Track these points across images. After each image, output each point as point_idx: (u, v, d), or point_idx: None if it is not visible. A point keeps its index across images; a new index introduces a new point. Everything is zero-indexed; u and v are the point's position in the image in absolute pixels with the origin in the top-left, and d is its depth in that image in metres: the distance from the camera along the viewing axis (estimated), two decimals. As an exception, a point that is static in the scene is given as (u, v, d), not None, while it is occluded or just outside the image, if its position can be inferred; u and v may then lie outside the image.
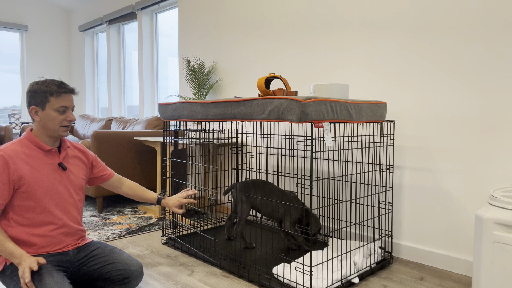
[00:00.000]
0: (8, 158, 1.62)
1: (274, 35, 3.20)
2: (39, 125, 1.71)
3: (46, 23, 6.41)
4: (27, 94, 1.71)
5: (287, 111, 1.80)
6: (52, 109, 1.68)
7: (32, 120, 1.76)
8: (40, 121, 1.69)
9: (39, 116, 1.69)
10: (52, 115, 1.69)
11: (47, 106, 1.68)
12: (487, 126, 2.11)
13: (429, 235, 2.35)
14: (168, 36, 4.96)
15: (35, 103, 1.68)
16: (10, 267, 1.64)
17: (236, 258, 2.34)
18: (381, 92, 2.55)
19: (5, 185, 1.60)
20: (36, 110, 1.69)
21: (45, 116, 1.69)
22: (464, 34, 2.17)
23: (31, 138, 1.72)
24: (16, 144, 1.68)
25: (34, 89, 1.68)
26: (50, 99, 1.68)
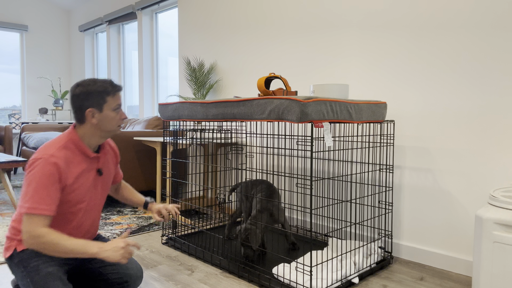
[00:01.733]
0: (62, 166, 1.53)
1: (274, 35, 3.20)
2: (94, 127, 1.61)
3: (46, 23, 6.41)
4: (77, 96, 1.58)
5: (287, 111, 1.80)
6: (110, 109, 1.61)
7: (79, 123, 1.62)
8: (97, 123, 1.60)
9: (96, 118, 1.59)
10: (111, 116, 1.62)
11: (104, 107, 1.60)
12: (487, 126, 2.11)
13: (429, 235, 2.35)
14: (168, 36, 4.96)
15: (91, 105, 1.58)
16: (19, 255, 1.59)
17: (236, 258, 2.34)
18: (381, 92, 2.55)
19: (58, 192, 1.52)
20: (93, 112, 1.58)
21: (103, 117, 1.60)
22: (464, 34, 2.18)
23: (76, 142, 1.61)
24: (62, 149, 1.57)
25: (88, 91, 1.57)
26: (107, 99, 1.60)
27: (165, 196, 3.29)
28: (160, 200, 3.43)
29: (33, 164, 1.50)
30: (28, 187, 1.48)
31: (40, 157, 1.50)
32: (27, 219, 1.46)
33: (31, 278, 1.53)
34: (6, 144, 5.19)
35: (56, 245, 1.45)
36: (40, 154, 1.51)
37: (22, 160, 3.57)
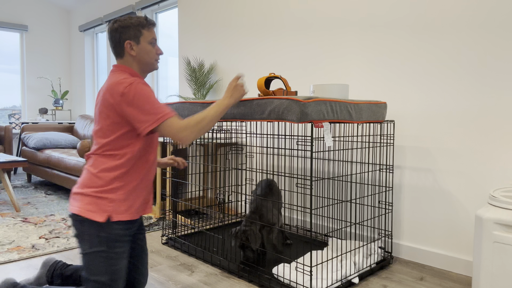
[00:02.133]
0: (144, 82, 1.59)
1: (274, 35, 3.20)
2: (135, 61, 1.65)
3: (46, 23, 6.41)
4: (115, 30, 1.62)
5: (287, 111, 1.80)
6: (146, 42, 1.65)
7: (120, 57, 1.66)
8: (136, 55, 1.64)
9: (134, 50, 1.63)
10: (148, 48, 1.66)
11: (141, 40, 1.64)
12: (487, 126, 2.11)
13: (429, 235, 2.35)
14: (168, 36, 4.96)
15: (129, 37, 1.62)
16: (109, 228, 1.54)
17: (236, 258, 2.34)
18: (381, 92, 2.55)
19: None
20: (131, 44, 1.62)
21: (140, 50, 1.64)
22: (464, 34, 2.18)
23: (134, 73, 1.65)
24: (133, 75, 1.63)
25: (124, 24, 1.62)
26: (143, 32, 1.64)
27: (165, 196, 3.30)
28: (160, 200, 3.43)
29: (131, 87, 1.51)
30: (148, 103, 1.51)
31: (131, 81, 1.52)
32: (172, 120, 1.53)
33: (109, 263, 1.54)
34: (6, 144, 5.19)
35: (204, 120, 1.57)
36: (128, 80, 1.52)
37: (22, 160, 3.57)
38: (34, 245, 2.62)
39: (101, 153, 1.58)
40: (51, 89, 6.38)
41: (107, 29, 1.69)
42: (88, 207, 1.53)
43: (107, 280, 1.53)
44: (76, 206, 1.56)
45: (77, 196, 1.58)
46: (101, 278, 1.53)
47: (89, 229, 1.53)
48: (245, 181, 3.03)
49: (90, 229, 1.53)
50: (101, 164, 1.57)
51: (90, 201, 1.54)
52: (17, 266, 2.27)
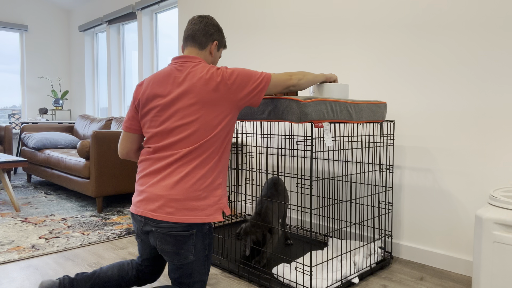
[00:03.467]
0: None
1: (274, 35, 3.20)
2: (211, 60, 1.77)
3: (46, 23, 6.41)
4: (214, 26, 1.74)
5: (287, 111, 1.80)
6: (219, 54, 1.82)
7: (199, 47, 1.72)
8: (213, 57, 1.77)
9: (214, 51, 1.76)
10: (217, 59, 1.82)
11: (220, 50, 1.82)
12: (487, 126, 2.11)
13: (429, 235, 2.35)
14: (168, 36, 4.96)
15: (218, 40, 1.77)
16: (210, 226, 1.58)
17: (236, 258, 2.34)
18: (381, 92, 2.55)
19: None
20: (216, 45, 1.76)
21: (216, 55, 1.79)
22: (464, 34, 2.18)
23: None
24: None
25: (220, 28, 1.78)
26: (223, 46, 1.83)
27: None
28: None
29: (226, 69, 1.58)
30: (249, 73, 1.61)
31: (222, 66, 1.61)
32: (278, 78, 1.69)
33: (208, 252, 1.61)
34: (6, 144, 5.19)
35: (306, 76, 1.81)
36: (216, 66, 1.61)
37: (22, 160, 3.57)
38: (34, 245, 2.62)
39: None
40: (51, 89, 6.38)
41: (203, 18, 1.74)
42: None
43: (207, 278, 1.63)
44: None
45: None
46: (204, 278, 1.60)
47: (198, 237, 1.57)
48: (245, 181, 3.03)
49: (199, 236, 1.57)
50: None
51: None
52: (17, 266, 2.27)
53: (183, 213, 1.49)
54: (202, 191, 1.51)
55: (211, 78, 1.53)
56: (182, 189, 1.50)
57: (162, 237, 1.51)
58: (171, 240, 1.51)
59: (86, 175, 3.57)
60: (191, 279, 1.56)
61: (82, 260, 2.37)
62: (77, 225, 3.11)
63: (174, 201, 1.50)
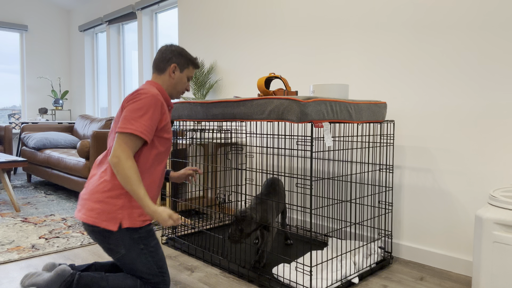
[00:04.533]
0: (164, 107, 1.72)
1: (274, 35, 3.20)
2: (169, 83, 1.84)
3: (46, 23, 6.41)
4: (171, 51, 1.82)
5: (287, 111, 1.80)
6: (186, 75, 1.87)
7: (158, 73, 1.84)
8: (174, 80, 1.84)
9: (175, 74, 1.84)
10: (184, 80, 1.87)
11: (185, 71, 1.86)
12: (487, 126, 2.11)
13: (429, 235, 2.35)
14: (168, 36, 4.96)
15: (178, 63, 1.83)
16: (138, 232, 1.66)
17: (236, 258, 2.34)
18: (381, 92, 2.55)
19: (155, 123, 1.66)
20: (175, 68, 1.83)
21: (179, 78, 1.85)
22: (464, 34, 2.18)
23: (162, 90, 1.82)
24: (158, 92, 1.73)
25: (181, 52, 1.84)
26: (190, 67, 1.88)
27: (165, 196, 3.29)
28: (160, 200, 3.43)
29: (140, 96, 1.65)
30: (135, 113, 1.61)
31: (147, 92, 1.66)
32: (125, 138, 1.59)
33: (152, 257, 1.70)
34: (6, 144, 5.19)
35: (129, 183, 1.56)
36: (145, 91, 1.66)
37: (22, 160, 3.57)
38: (34, 245, 2.62)
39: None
40: (51, 89, 6.38)
41: (161, 47, 1.88)
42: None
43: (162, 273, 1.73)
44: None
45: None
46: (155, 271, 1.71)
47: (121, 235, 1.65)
48: (245, 181, 3.03)
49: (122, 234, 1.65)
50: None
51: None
52: (17, 266, 2.27)
53: (83, 212, 1.65)
54: (101, 194, 1.64)
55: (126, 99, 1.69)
56: (88, 189, 1.68)
57: (91, 236, 1.67)
58: (97, 237, 1.65)
59: (86, 175, 3.57)
60: (139, 273, 1.69)
61: (82, 260, 2.37)
62: (77, 225, 3.10)
63: (82, 199, 1.69)
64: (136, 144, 1.62)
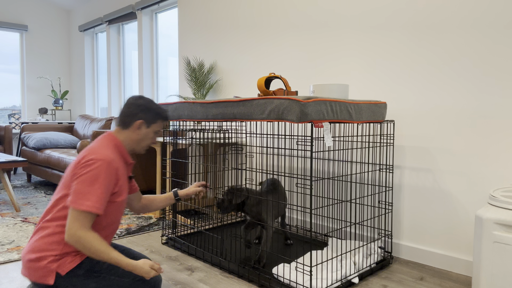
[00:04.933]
0: (120, 171, 1.62)
1: (274, 35, 3.20)
2: (133, 139, 1.73)
3: (46, 23, 6.41)
4: (138, 106, 1.71)
5: (287, 111, 1.80)
6: (153, 130, 1.76)
7: (123, 127, 1.73)
8: (139, 135, 1.73)
9: (141, 130, 1.73)
10: (151, 135, 1.76)
11: (152, 126, 1.75)
12: (487, 126, 2.11)
13: (429, 235, 2.35)
14: (168, 36, 4.96)
15: (145, 119, 1.72)
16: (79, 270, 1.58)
17: (236, 258, 2.34)
18: (381, 92, 2.55)
19: (109, 193, 1.58)
20: (142, 124, 1.72)
21: (146, 133, 1.74)
22: (464, 34, 2.18)
23: (120, 147, 1.72)
24: (111, 152, 1.63)
25: (148, 106, 1.72)
26: (157, 121, 1.76)
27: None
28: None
29: (93, 164, 1.54)
30: (89, 185, 1.51)
31: (101, 158, 1.55)
32: (80, 216, 1.50)
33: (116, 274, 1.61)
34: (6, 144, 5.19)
35: (98, 254, 1.50)
36: (98, 155, 1.56)
37: (22, 160, 3.57)
38: (34, 245, 2.62)
39: None
40: (51, 89, 6.38)
41: (128, 99, 1.78)
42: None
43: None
44: None
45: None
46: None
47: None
48: (245, 181, 3.03)
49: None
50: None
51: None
52: (17, 266, 2.26)
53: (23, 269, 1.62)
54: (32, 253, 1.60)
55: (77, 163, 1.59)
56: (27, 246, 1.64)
57: None
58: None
59: (86, 175, 3.57)
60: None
61: (82, 260, 2.37)
62: (77, 225, 3.10)
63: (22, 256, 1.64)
64: (91, 219, 1.53)
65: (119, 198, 1.66)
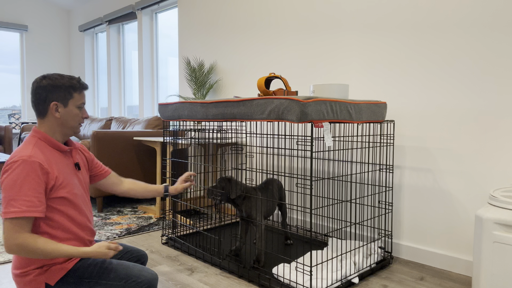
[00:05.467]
0: (45, 164, 1.47)
1: (274, 35, 3.20)
2: (57, 123, 1.57)
3: (46, 23, 6.41)
4: (44, 88, 1.53)
5: (287, 111, 1.80)
6: (74, 106, 1.58)
7: (41, 117, 1.57)
8: (60, 118, 1.56)
9: (59, 113, 1.55)
10: (74, 112, 1.58)
11: (70, 103, 1.56)
12: (487, 126, 2.11)
13: (429, 235, 2.35)
14: (168, 36, 4.96)
15: (57, 99, 1.54)
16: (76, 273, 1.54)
17: (236, 258, 2.34)
18: (381, 92, 2.55)
19: (41, 190, 1.45)
20: (57, 106, 1.54)
21: (66, 113, 1.56)
22: (464, 34, 2.17)
23: (46, 138, 1.56)
24: (36, 148, 1.50)
25: (55, 84, 1.53)
26: (74, 95, 1.57)
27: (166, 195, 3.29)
28: (160, 200, 3.43)
29: (11, 167, 1.42)
30: (11, 190, 1.40)
31: (17, 159, 1.43)
32: (12, 224, 1.38)
33: (107, 278, 1.55)
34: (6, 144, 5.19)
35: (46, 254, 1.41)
36: (15, 158, 1.43)
37: (22, 160, 3.57)
38: (34, 245, 2.62)
39: None
40: (51, 89, 6.38)
41: (32, 85, 1.60)
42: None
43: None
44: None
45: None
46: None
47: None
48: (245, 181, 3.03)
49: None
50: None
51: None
52: (17, 266, 2.26)
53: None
54: (14, 270, 1.55)
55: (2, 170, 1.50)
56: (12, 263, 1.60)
57: None
58: None
59: (86, 175, 3.57)
60: None
61: (82, 260, 2.37)
62: (77, 225, 3.10)
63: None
64: (26, 223, 1.40)
65: (62, 191, 1.53)
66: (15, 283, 1.53)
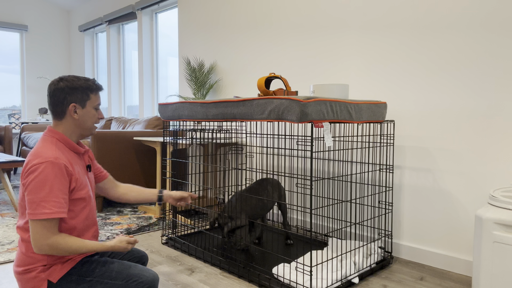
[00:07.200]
0: (69, 167, 1.51)
1: (274, 35, 3.20)
2: (75, 124, 1.59)
3: (46, 23, 6.41)
4: (62, 90, 1.55)
5: (287, 111, 1.80)
6: (91, 107, 1.61)
7: (58, 118, 1.59)
8: (78, 119, 1.59)
9: (77, 114, 1.58)
10: (92, 113, 1.62)
11: (87, 104, 1.60)
12: (487, 126, 2.11)
13: (429, 235, 2.35)
14: (168, 36, 4.96)
15: (75, 100, 1.56)
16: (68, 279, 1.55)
17: (236, 258, 2.34)
18: (381, 92, 2.55)
19: (66, 192, 1.49)
20: (75, 107, 1.57)
21: (84, 114, 1.59)
22: (464, 34, 2.18)
23: (64, 139, 1.58)
24: (58, 150, 1.53)
25: (72, 85, 1.56)
26: (90, 96, 1.60)
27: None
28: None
29: (37, 169, 1.44)
30: (41, 191, 1.43)
31: (43, 160, 1.45)
32: (43, 225, 1.43)
33: (109, 277, 1.57)
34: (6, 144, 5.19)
35: (75, 250, 1.47)
36: (40, 159, 1.46)
37: (22, 160, 3.57)
38: (34, 245, 2.62)
39: None
40: (51, 89, 6.38)
41: (49, 87, 1.60)
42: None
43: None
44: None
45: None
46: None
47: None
48: (245, 181, 3.03)
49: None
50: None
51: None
52: (17, 266, 2.27)
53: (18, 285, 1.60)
54: (17, 268, 1.57)
55: (22, 172, 1.52)
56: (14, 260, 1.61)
57: None
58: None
59: (86, 175, 3.57)
60: None
61: (82, 260, 2.37)
62: (77, 225, 3.10)
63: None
64: (56, 224, 1.45)
65: (81, 192, 1.57)
66: (17, 280, 1.54)
